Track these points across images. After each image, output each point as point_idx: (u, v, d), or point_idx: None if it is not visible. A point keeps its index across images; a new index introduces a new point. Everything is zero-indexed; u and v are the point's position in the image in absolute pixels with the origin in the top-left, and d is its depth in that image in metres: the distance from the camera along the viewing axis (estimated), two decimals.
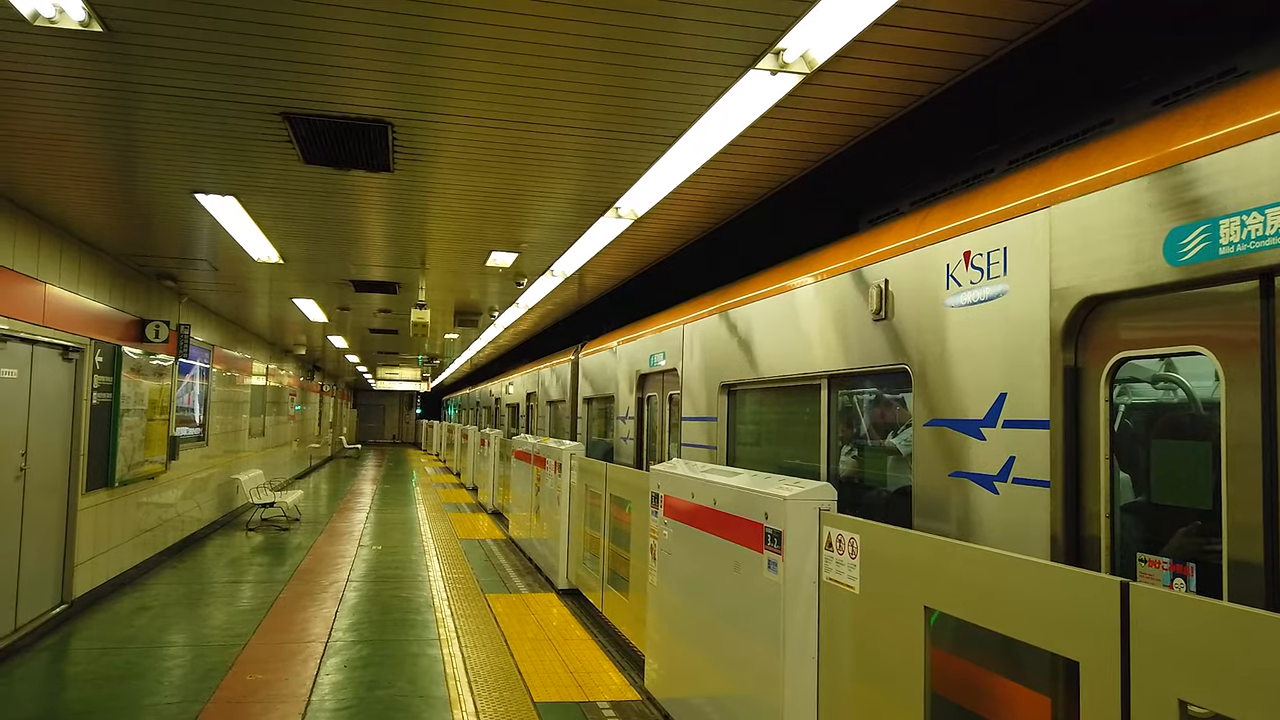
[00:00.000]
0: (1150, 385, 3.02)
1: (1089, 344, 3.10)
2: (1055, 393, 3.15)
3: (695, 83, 3.97)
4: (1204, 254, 2.61)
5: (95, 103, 4.49)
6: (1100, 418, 3.01)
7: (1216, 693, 2.00)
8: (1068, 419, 3.11)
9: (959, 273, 3.71)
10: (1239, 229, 2.51)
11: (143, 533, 10.21)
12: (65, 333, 7.69)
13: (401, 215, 6.87)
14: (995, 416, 3.43)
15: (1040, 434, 3.19)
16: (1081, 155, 3.23)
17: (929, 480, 3.80)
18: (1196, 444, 2.77)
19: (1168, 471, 2.87)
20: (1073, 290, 3.09)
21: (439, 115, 4.57)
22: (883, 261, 4.32)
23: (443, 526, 14.78)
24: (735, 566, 4.44)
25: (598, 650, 7.18)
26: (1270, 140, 2.44)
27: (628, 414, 9.22)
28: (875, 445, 4.75)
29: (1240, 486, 2.53)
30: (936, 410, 3.79)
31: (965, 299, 3.67)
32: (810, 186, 5.92)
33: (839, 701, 3.69)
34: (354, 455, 37.71)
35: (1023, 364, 3.30)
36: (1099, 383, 3.03)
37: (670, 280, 10.28)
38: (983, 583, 2.82)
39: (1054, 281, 3.18)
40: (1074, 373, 3.12)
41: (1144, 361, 2.94)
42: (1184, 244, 2.68)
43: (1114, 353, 2.99)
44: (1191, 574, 2.72)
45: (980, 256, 3.58)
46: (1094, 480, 3.02)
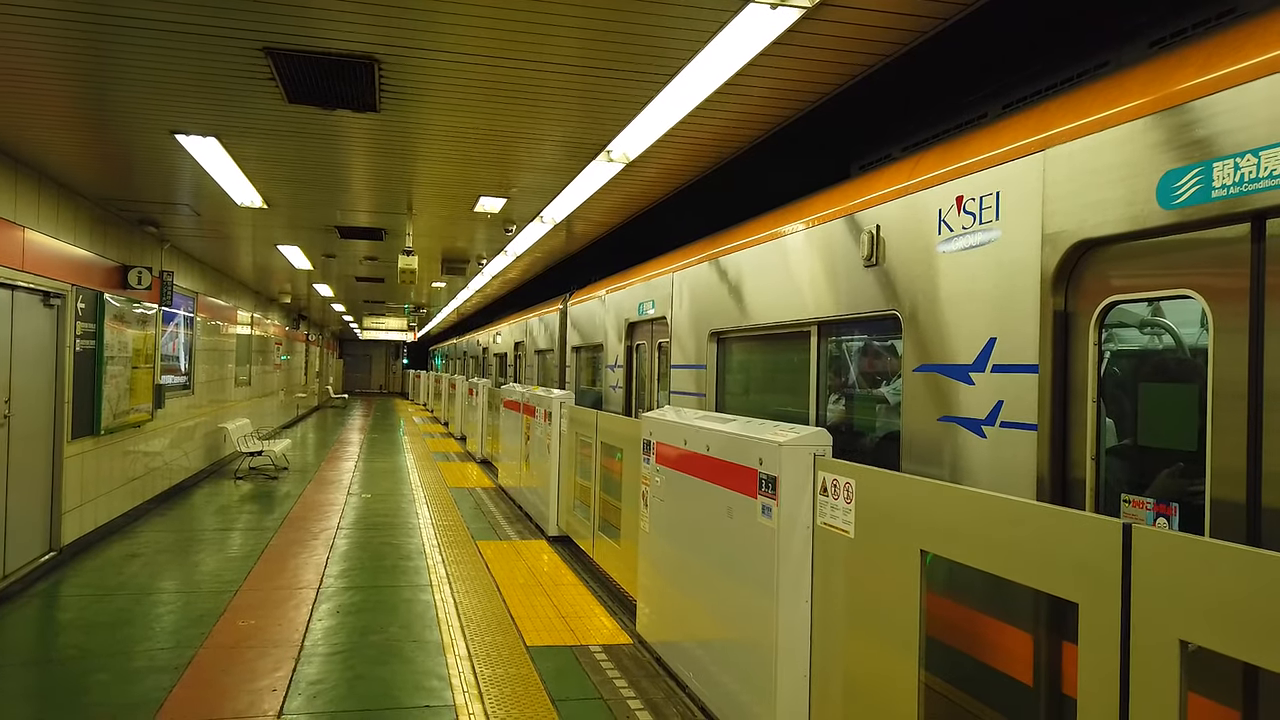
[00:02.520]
0: (1139, 329, 3.03)
1: (1079, 288, 3.11)
2: (1045, 337, 3.17)
3: (692, 16, 3.85)
4: (1197, 197, 2.61)
5: (69, 36, 4.33)
6: (1089, 362, 3.04)
7: (1218, 632, 2.00)
8: (1056, 363, 3.14)
9: (951, 218, 3.70)
10: (1232, 171, 2.50)
11: (130, 481, 10.17)
12: (46, 278, 7.55)
13: (388, 158, 6.73)
14: (984, 361, 3.46)
15: (1029, 378, 3.23)
16: (1076, 98, 3.20)
17: (917, 425, 3.85)
18: (1183, 387, 2.80)
19: (1154, 414, 2.90)
20: (1065, 234, 3.09)
21: (427, 52, 4.43)
22: (874, 207, 4.31)
23: (432, 475, 14.80)
24: (729, 512, 4.44)
25: (589, 595, 7.23)
26: (1264, 82, 2.42)
27: (617, 363, 9.26)
28: (864, 391, 4.75)
29: (1226, 429, 2.55)
30: (926, 355, 3.82)
31: (957, 244, 3.67)
32: (803, 132, 5.87)
33: (832, 645, 3.71)
34: (341, 405, 37.67)
35: (1013, 309, 3.32)
36: (1088, 327, 3.05)
37: (660, 228, 10.24)
38: (979, 526, 2.81)
39: (1046, 226, 3.18)
40: (1064, 317, 3.14)
41: (1133, 306, 2.95)
42: (1177, 187, 2.67)
43: (1104, 297, 3.00)
44: (1174, 514, 2.78)
45: (973, 201, 3.57)
46: (1081, 423, 3.05)
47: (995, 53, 4.90)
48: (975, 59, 5.03)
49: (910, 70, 4.72)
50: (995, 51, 4.89)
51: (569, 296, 11.91)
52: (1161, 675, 2.11)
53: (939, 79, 5.32)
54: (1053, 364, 3.14)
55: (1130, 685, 2.19)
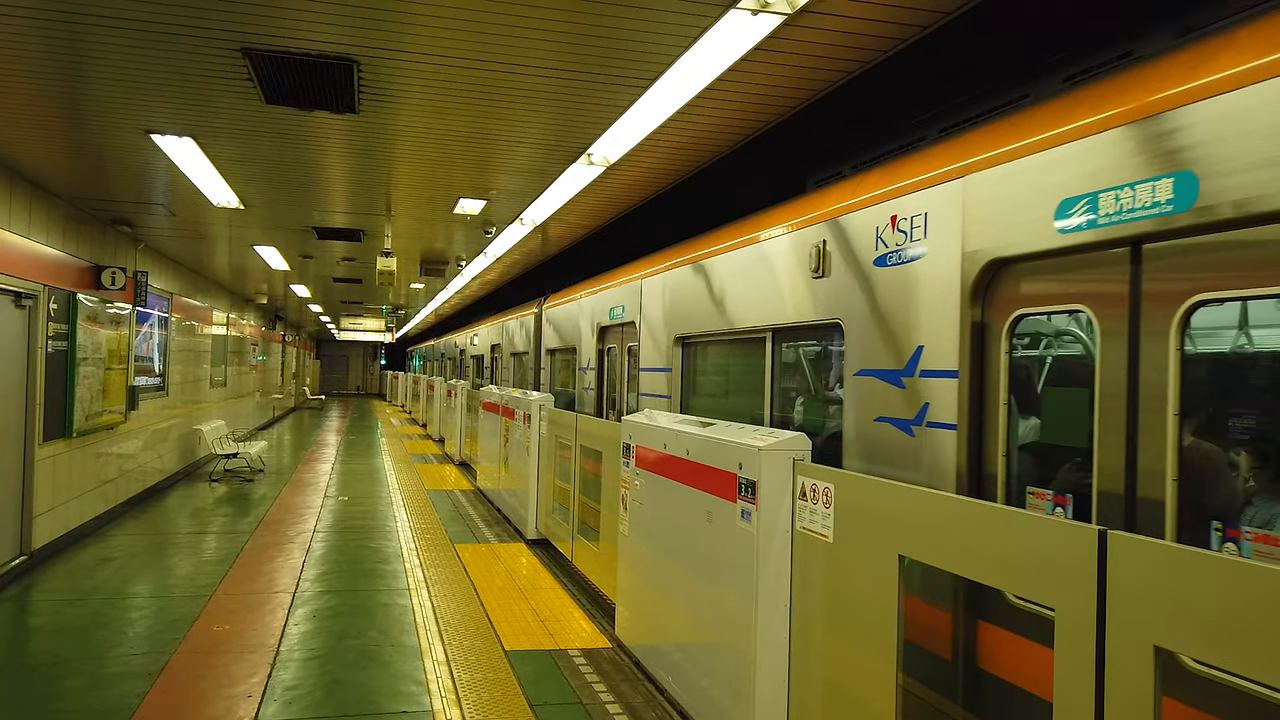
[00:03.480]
0: (1042, 338, 3.35)
1: (993, 301, 3.44)
2: (964, 345, 3.48)
3: (674, 20, 3.85)
4: (1086, 223, 2.95)
5: (43, 34, 4.27)
6: (1001, 367, 3.36)
7: (1192, 639, 2.03)
8: (973, 369, 3.46)
9: (886, 235, 4.02)
10: (1114, 201, 2.85)
11: (103, 483, 10.05)
12: (17, 278, 7.44)
13: (367, 159, 6.69)
14: (914, 367, 3.77)
15: (950, 382, 3.54)
16: (994, 129, 3.54)
17: (857, 425, 4.14)
18: (1076, 390, 3.11)
19: (1052, 415, 3.25)
20: (981, 253, 3.41)
21: (406, 53, 4.41)
22: (821, 223, 4.61)
23: (410, 477, 14.72)
24: (708, 516, 4.44)
25: (568, 599, 7.22)
26: (1143, 123, 2.77)
27: (589, 365, 9.45)
28: (814, 394, 5.04)
29: (1108, 428, 2.89)
30: (865, 361, 4.13)
31: (891, 259, 3.98)
32: (767, 146, 6.10)
33: (811, 649, 3.73)
34: (318, 406, 37.38)
35: (938, 319, 3.64)
36: (1000, 336, 3.37)
37: (632, 235, 10.40)
38: (957, 531, 2.83)
39: (965, 245, 3.50)
40: (980, 327, 3.46)
41: (1037, 317, 3.29)
42: (1070, 213, 3.02)
43: (1014, 309, 3.33)
44: (1069, 504, 3.10)
45: (905, 221, 3.90)
46: (994, 423, 3.38)
47: (936, 79, 5.18)
48: (920, 84, 5.28)
49: (863, 91, 4.96)
50: (937, 78, 5.17)
51: (544, 300, 12.14)
52: (1136, 681, 2.13)
53: (888, 101, 5.57)
54: (970, 370, 3.46)
55: (1105, 690, 2.22)
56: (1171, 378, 2.69)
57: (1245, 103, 2.44)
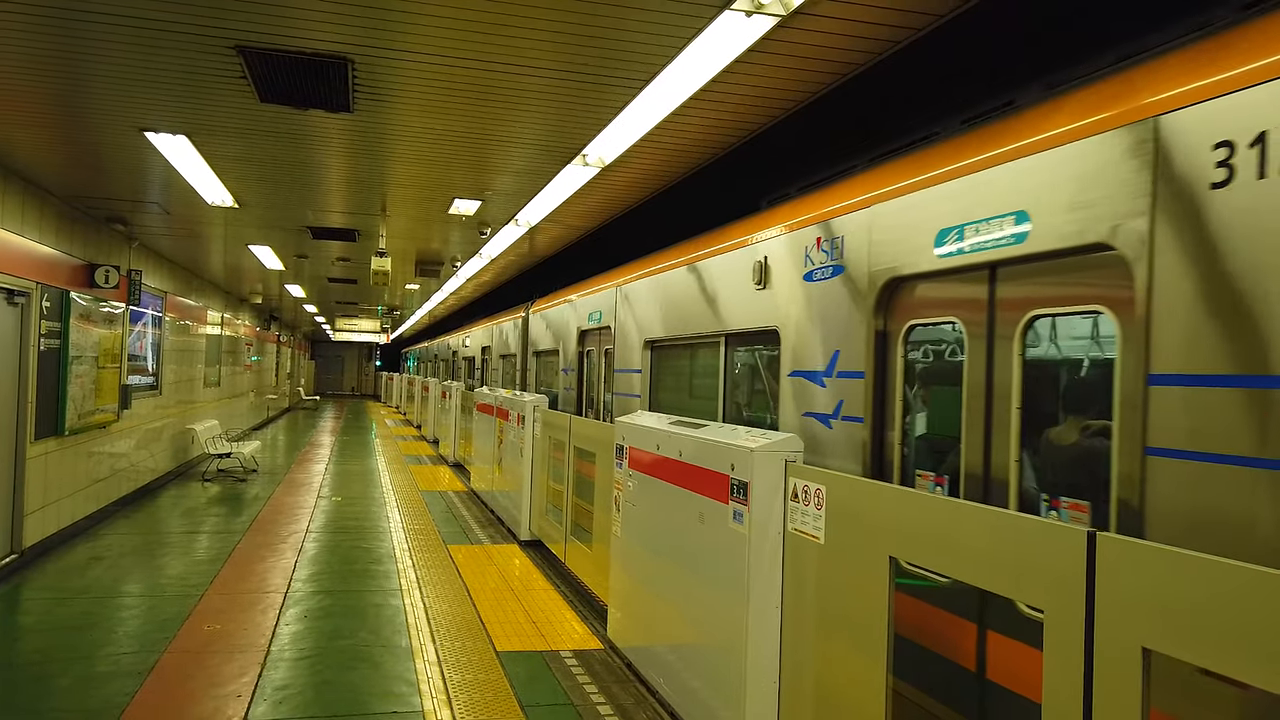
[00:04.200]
0: (927, 344, 3.91)
1: (892, 313, 4.01)
2: (869, 350, 4.06)
3: (669, 23, 3.86)
4: (956, 250, 3.52)
5: (36, 30, 4.26)
6: (898, 369, 3.94)
7: (1181, 640, 2.03)
8: (877, 370, 4.03)
9: (813, 254, 4.61)
10: (976, 233, 3.42)
11: (95, 482, 10.01)
12: (9, 276, 7.41)
13: (362, 159, 6.68)
14: (832, 368, 4.36)
15: (859, 382, 4.12)
16: (900, 165, 4.10)
17: (789, 419, 4.71)
18: (951, 389, 3.64)
19: (934, 409, 3.84)
20: (883, 271, 3.98)
21: (401, 52, 4.41)
22: (764, 241, 5.18)
23: (404, 478, 14.70)
24: (700, 517, 4.44)
25: (560, 600, 7.21)
26: (996, 170, 3.33)
27: (570, 367, 10.07)
28: (758, 392, 5.60)
29: (972, 420, 3.48)
30: (796, 364, 4.70)
31: (817, 275, 4.57)
32: (729, 164, 6.65)
33: (802, 651, 3.73)
34: (312, 407, 37.30)
35: (850, 328, 4.21)
36: (898, 342, 3.95)
37: (611, 244, 10.85)
38: (948, 533, 2.83)
39: (871, 265, 4.07)
40: (882, 335, 4.04)
41: (925, 327, 3.86)
42: (946, 242, 3.59)
43: (907, 320, 3.92)
44: (945, 483, 3.68)
45: (828, 242, 4.47)
46: (892, 417, 3.96)
47: (870, 111, 5.74)
48: (854, 116, 5.81)
49: (811, 118, 5.40)
50: (870, 109, 5.71)
51: (530, 305, 12.66)
52: (1124, 682, 2.13)
53: (831, 128, 6.14)
54: (874, 371, 4.03)
55: (1094, 692, 2.22)
56: (1015, 378, 3.28)
57: (1060, 157, 3.06)
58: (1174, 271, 2.62)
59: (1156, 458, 2.62)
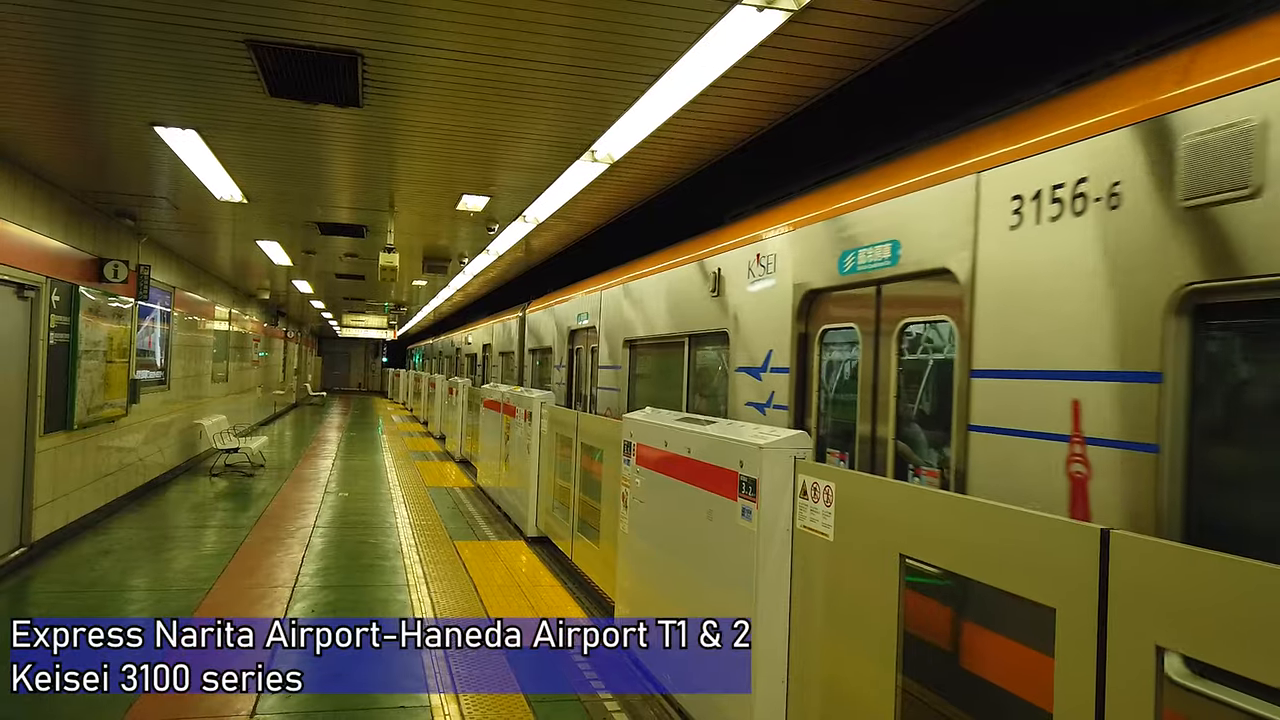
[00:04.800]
0: (836, 345, 4.78)
1: (809, 319, 4.91)
2: (793, 350, 4.96)
3: (680, 16, 3.84)
4: (852, 269, 4.38)
5: (47, 24, 4.27)
6: (814, 366, 4.87)
7: (1196, 640, 2.01)
8: (799, 366, 4.95)
9: (754, 267, 5.49)
10: (866, 256, 4.24)
11: (103, 476, 10.04)
12: (19, 270, 7.44)
13: (370, 154, 6.68)
14: (767, 365, 5.24)
15: (785, 376, 5.01)
16: (814, 197, 5.06)
17: (735, 408, 5.63)
18: (851, 381, 4.51)
19: (840, 399, 4.75)
20: (803, 285, 4.89)
21: (411, 47, 4.40)
22: (718, 255, 6.08)
23: (410, 474, 14.72)
24: (708, 514, 4.43)
25: (567, 597, 7.21)
26: (876, 208, 4.24)
27: (561, 363, 11.00)
28: (713, 385, 6.45)
29: (863, 408, 4.41)
30: (740, 361, 5.58)
31: (756, 286, 5.46)
32: (701, 181, 7.36)
33: (811, 649, 3.71)
34: (319, 403, 37.37)
35: (780, 331, 5.06)
36: (814, 344, 4.86)
37: (596, 250, 11.48)
38: (959, 530, 2.82)
39: (795, 279, 4.98)
40: (803, 337, 4.93)
41: (835, 331, 4.73)
42: (844, 262, 4.48)
43: (821, 325, 4.81)
44: (846, 458, 4.54)
45: (764, 258, 5.36)
46: (811, 406, 4.87)
47: (801, 142, 6.45)
48: (796, 145, 6.55)
49: (765, 143, 6.05)
50: (801, 141, 6.41)
51: (526, 306, 13.59)
52: (1138, 682, 2.11)
53: (776, 155, 6.88)
54: (796, 367, 4.93)
55: (1106, 691, 2.20)
56: (893, 373, 4.12)
57: (918, 198, 3.91)
58: (987, 291, 3.43)
59: (975, 433, 3.41)
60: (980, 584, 2.87)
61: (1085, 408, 2.95)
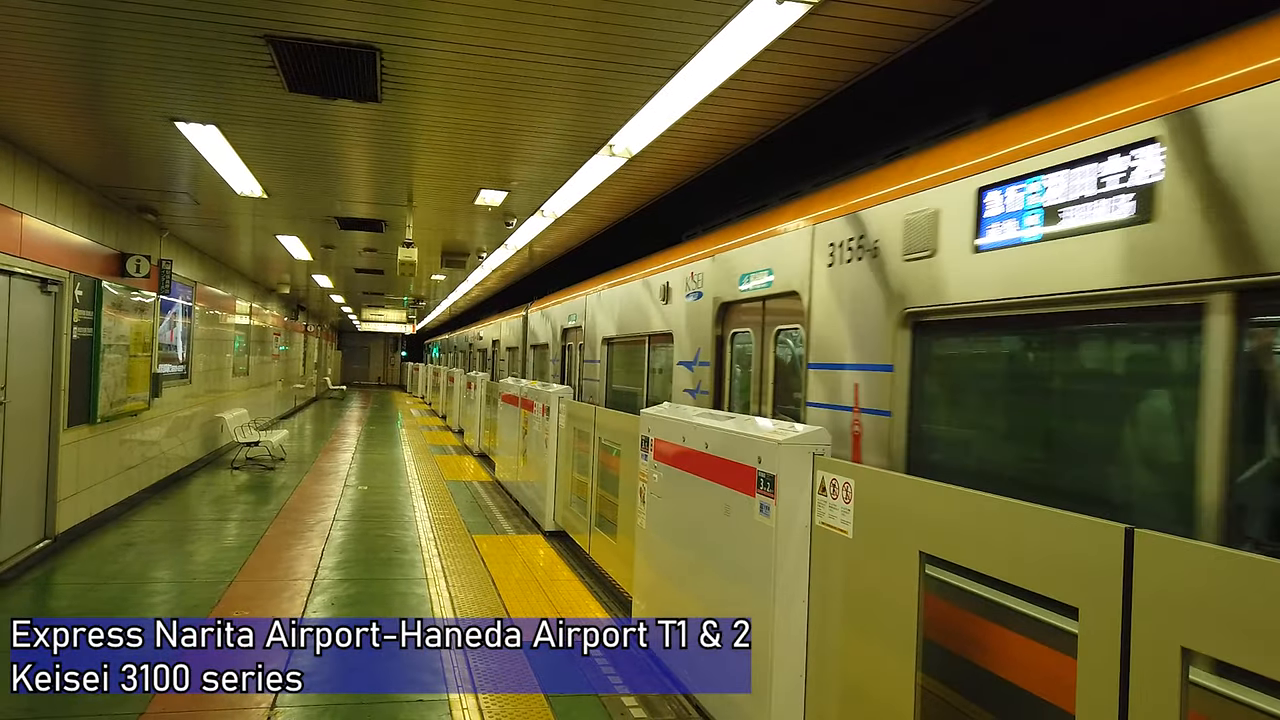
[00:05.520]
0: (743, 344, 5.97)
1: (725, 325, 6.20)
2: (714, 349, 6.25)
3: (698, 9, 3.82)
4: (747, 289, 5.70)
5: (69, 20, 4.30)
6: (729, 360, 6.16)
7: (1222, 640, 1.98)
8: (718, 361, 6.23)
9: (689, 282, 6.77)
10: (751, 279, 5.63)
11: (126, 469, 10.14)
12: (43, 265, 7.51)
13: (389, 149, 6.69)
14: (697, 359, 6.56)
15: (708, 368, 6.32)
16: (736, 228, 6.21)
17: (678, 393, 6.87)
18: (750, 372, 5.80)
19: (741, 383, 6.01)
20: (720, 298, 6.15)
21: (429, 42, 4.40)
22: (666, 270, 7.39)
23: (429, 468, 14.78)
24: (726, 510, 4.41)
25: (584, 590, 7.21)
26: (763, 242, 5.51)
27: (556, 359, 12.35)
28: (663, 376, 7.64)
29: (754, 388, 5.68)
30: (680, 356, 6.92)
31: (690, 298, 6.76)
32: (664, 204, 8.45)
33: (829, 646, 3.69)
34: (339, 396, 37.58)
35: (705, 334, 6.38)
36: (728, 344, 6.15)
37: (587, 258, 12.48)
38: (979, 528, 2.79)
39: (714, 293, 6.26)
40: (721, 339, 6.22)
41: (740, 333, 6.00)
42: (741, 282, 5.80)
43: (731, 329, 6.11)
44: None
45: (695, 275, 6.66)
46: (725, 389, 6.18)
47: (739, 174, 7.38)
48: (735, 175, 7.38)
49: (726, 168, 6.94)
50: (739, 173, 7.30)
51: (529, 305, 14.82)
52: (1163, 683, 2.08)
53: (726, 183, 7.85)
54: (715, 361, 6.24)
55: (1130, 693, 2.17)
56: (769, 365, 5.46)
57: (782, 237, 5.18)
58: (815, 310, 4.74)
59: (811, 408, 4.72)
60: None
61: (861, 389, 4.27)
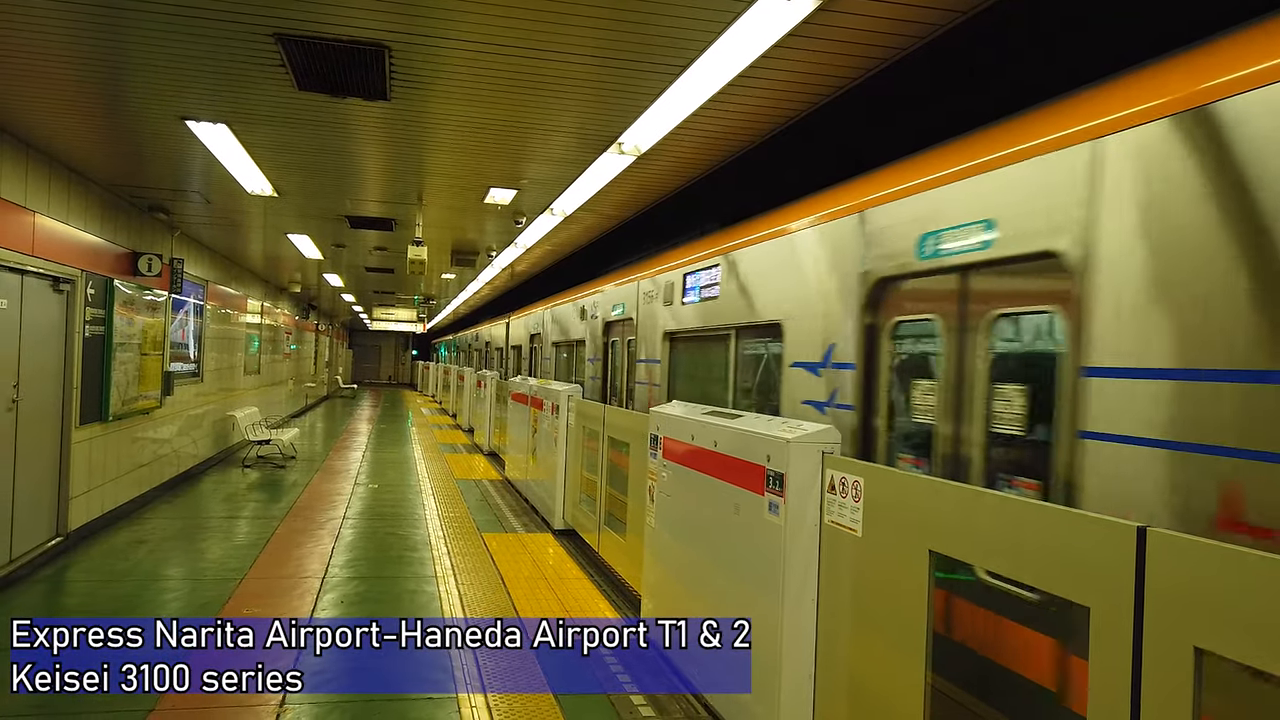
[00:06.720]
0: (681, 343, 6.97)
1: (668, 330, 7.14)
2: (662, 350, 7.32)
3: (708, 5, 3.80)
4: (690, 300, 6.66)
5: (80, 19, 4.31)
6: (666, 355, 7.22)
7: (1236, 640, 1.95)
8: (665, 358, 7.25)
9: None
10: (700, 291, 6.48)
11: (138, 467, 10.19)
12: (55, 263, 7.55)
13: (398, 147, 6.70)
14: (655, 357, 7.51)
15: (659, 365, 7.34)
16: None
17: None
18: (691, 362, 6.87)
19: (681, 369, 7.10)
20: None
21: (438, 39, 4.40)
22: (634, 282, 8.30)
23: (439, 466, 14.81)
24: (735, 508, 4.40)
25: (593, 589, 7.21)
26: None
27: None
28: (626, 365, 8.56)
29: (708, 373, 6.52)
30: (642, 353, 7.95)
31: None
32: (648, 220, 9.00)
33: (838, 645, 3.68)
34: (350, 395, 37.69)
35: (656, 338, 7.45)
36: (667, 343, 7.23)
37: (588, 260, 12.40)
38: (990, 527, 2.77)
39: (669, 309, 7.18)
40: (667, 334, 7.23)
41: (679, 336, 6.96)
42: (687, 292, 6.74)
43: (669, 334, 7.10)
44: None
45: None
46: (665, 377, 7.20)
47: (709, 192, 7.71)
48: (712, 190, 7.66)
49: (705, 186, 7.47)
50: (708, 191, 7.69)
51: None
52: (1175, 684, 2.06)
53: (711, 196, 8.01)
54: (664, 358, 7.24)
55: (1142, 693, 2.15)
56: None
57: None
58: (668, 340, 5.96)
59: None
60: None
61: None
